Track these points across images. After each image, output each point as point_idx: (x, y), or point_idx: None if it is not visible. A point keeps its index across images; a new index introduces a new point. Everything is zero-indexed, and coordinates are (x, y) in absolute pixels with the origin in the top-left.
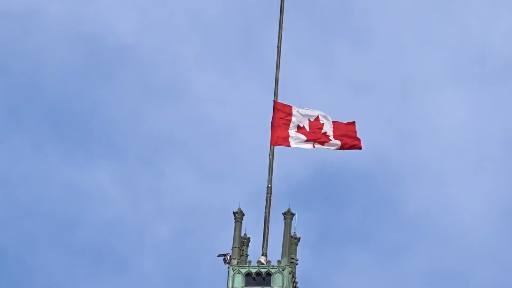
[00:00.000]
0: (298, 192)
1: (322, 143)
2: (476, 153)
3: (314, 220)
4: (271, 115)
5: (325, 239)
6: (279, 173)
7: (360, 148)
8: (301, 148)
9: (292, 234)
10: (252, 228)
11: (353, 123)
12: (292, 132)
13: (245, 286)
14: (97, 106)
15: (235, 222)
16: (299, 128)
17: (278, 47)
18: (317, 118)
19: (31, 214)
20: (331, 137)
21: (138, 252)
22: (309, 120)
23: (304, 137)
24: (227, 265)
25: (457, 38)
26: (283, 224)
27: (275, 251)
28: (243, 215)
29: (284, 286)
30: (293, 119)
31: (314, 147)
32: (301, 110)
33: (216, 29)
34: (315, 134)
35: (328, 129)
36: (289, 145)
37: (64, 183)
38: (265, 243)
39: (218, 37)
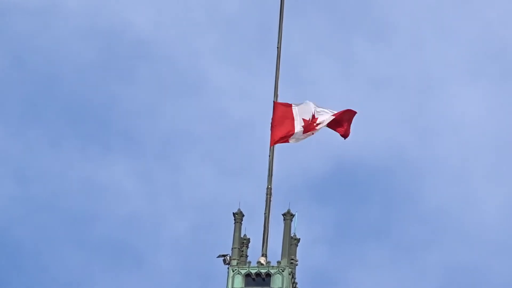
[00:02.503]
0: (316, 187)
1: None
2: (496, 149)
3: (333, 216)
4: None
5: (344, 235)
6: (298, 169)
7: (344, 137)
8: (300, 142)
9: (292, 235)
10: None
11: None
12: (297, 128)
13: (245, 286)
14: (114, 101)
15: (234, 223)
16: (305, 121)
17: (278, 47)
18: (313, 114)
19: (47, 209)
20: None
21: (155, 247)
22: (311, 114)
23: (303, 129)
24: (227, 265)
25: (476, 32)
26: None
27: (275, 252)
28: (243, 215)
29: (284, 287)
30: (295, 116)
31: (313, 134)
32: (301, 109)
33: (234, 23)
34: (313, 125)
35: (324, 118)
36: (288, 141)
37: (81, 178)
38: (264, 243)
39: (236, 31)
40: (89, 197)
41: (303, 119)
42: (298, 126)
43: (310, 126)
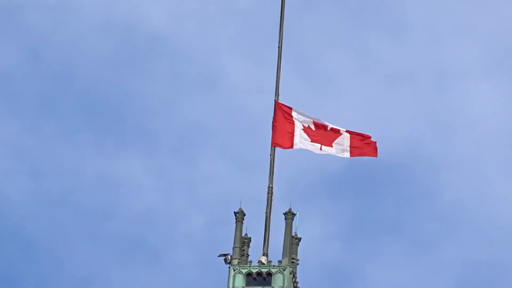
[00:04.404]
0: (331, 183)
1: (330, 143)
2: (511, 144)
3: (348, 211)
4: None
5: (359, 230)
6: (313, 165)
7: (375, 156)
8: (305, 149)
9: (293, 234)
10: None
11: (369, 137)
12: (297, 132)
13: (246, 286)
14: (130, 96)
15: (236, 222)
16: (305, 128)
17: (279, 47)
18: (319, 120)
19: (62, 204)
20: (342, 131)
21: (170, 242)
22: (313, 121)
23: (309, 139)
24: (228, 265)
25: (493, 28)
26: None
27: (276, 251)
28: (244, 215)
29: (285, 286)
30: (295, 120)
31: (321, 149)
32: (300, 115)
33: (250, 17)
34: (321, 133)
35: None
36: (292, 147)
37: (96, 173)
38: (266, 243)
39: (252, 25)
40: (104, 192)
41: (303, 126)
42: (298, 132)
43: (321, 133)
